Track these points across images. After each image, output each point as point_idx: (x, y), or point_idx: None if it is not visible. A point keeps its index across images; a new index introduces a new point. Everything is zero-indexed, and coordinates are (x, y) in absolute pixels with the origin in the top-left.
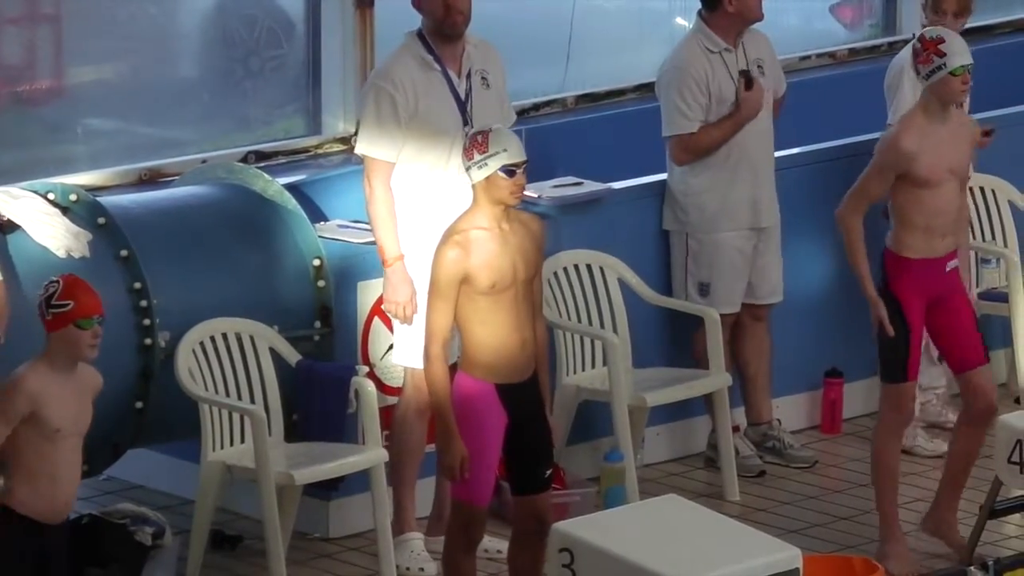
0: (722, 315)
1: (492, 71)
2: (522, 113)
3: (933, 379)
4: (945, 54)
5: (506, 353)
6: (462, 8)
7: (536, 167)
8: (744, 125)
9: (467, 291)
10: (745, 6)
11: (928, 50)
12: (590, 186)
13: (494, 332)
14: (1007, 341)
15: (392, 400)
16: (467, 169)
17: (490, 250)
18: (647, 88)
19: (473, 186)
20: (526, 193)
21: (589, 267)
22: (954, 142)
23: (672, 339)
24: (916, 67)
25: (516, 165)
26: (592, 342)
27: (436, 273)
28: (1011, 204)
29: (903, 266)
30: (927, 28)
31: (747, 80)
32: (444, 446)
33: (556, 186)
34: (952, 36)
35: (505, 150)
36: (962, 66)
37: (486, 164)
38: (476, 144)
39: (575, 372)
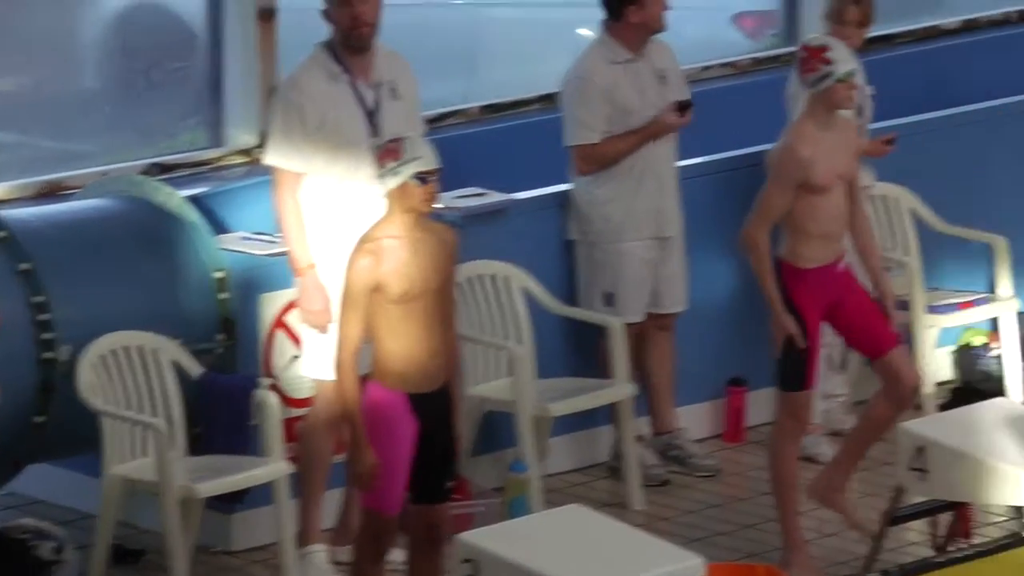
0: (627, 325)
1: (402, 82)
2: (426, 124)
3: (835, 387)
4: (831, 61)
5: (417, 362)
6: (369, 19)
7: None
8: (649, 141)
9: (378, 300)
10: (648, 16)
11: (814, 58)
12: (494, 196)
13: (406, 341)
14: (909, 349)
15: (296, 412)
16: (380, 177)
17: (402, 259)
18: (551, 99)
19: (386, 194)
20: None
21: (493, 277)
22: (842, 148)
23: (576, 349)
24: (801, 76)
25: (429, 173)
26: (496, 353)
27: (348, 282)
28: (912, 213)
29: (800, 277)
30: (810, 36)
31: (682, 107)
32: (354, 455)
33: (459, 197)
34: (836, 43)
35: (418, 158)
36: (848, 72)
37: (399, 172)
38: (389, 152)
39: (479, 383)
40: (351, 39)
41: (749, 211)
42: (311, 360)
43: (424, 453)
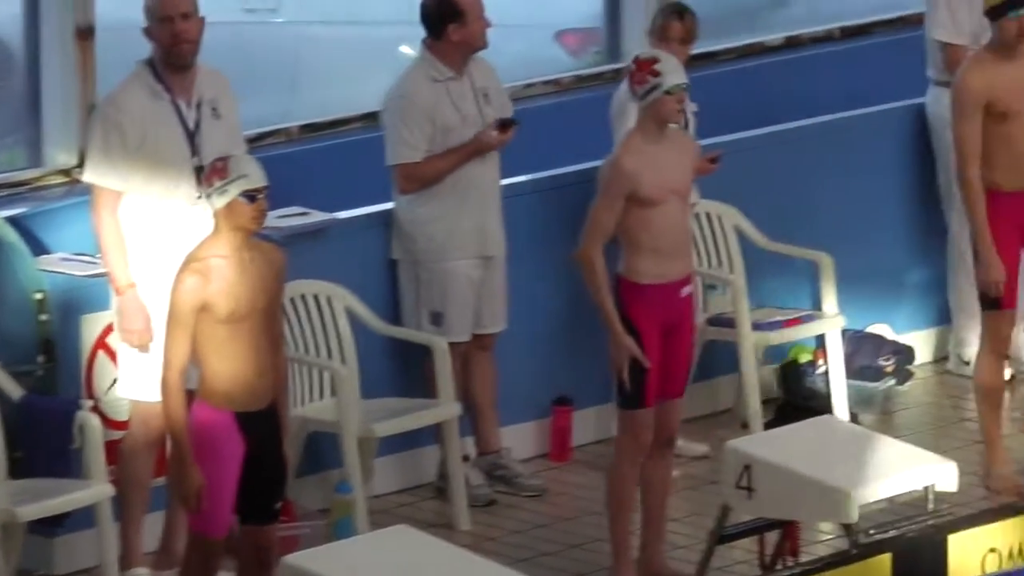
0: (453, 344)
1: (223, 101)
2: (247, 143)
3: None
4: (660, 73)
5: (244, 382)
6: (190, 37)
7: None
8: (471, 159)
9: (206, 319)
10: (470, 34)
11: (643, 70)
12: (316, 216)
13: (233, 361)
14: (733, 367)
15: (118, 434)
16: (207, 196)
17: (229, 278)
18: (373, 117)
19: (214, 213)
20: None
21: (316, 297)
22: (674, 162)
23: (402, 369)
24: (632, 88)
25: (257, 190)
26: (320, 373)
27: (174, 301)
28: (737, 230)
29: (637, 292)
30: (640, 51)
31: (504, 125)
32: (180, 476)
33: (281, 216)
34: (666, 56)
35: (245, 176)
36: (677, 85)
37: (226, 190)
38: (216, 171)
39: (303, 403)
40: (172, 57)
41: (572, 229)
42: (128, 381)
43: (251, 474)
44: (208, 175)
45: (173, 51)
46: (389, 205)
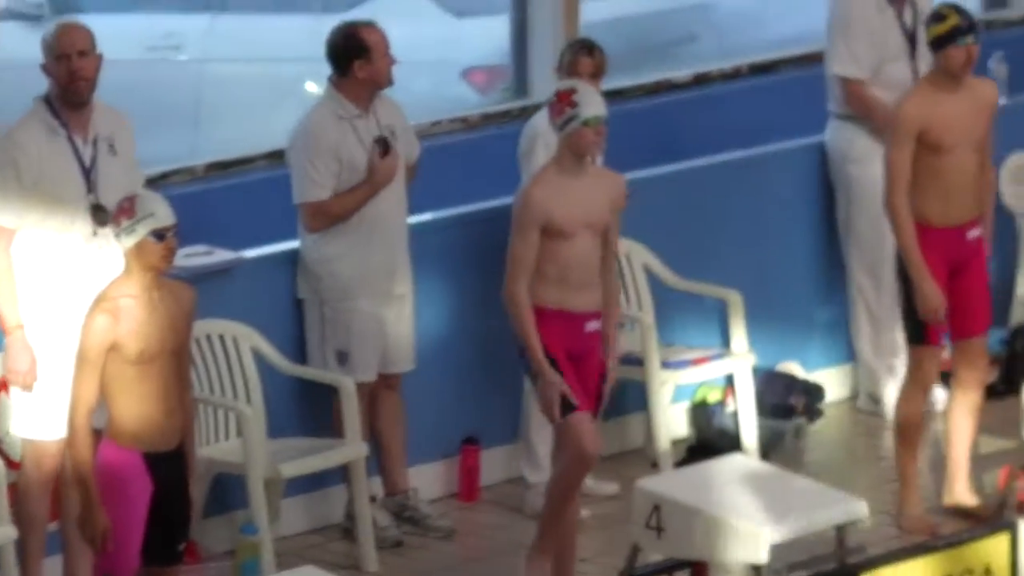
0: (360, 384)
1: (119, 138)
2: (151, 181)
3: None
4: (577, 104)
5: (154, 422)
6: (86, 75)
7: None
8: (377, 193)
9: (115, 359)
10: (375, 72)
11: (562, 101)
12: (221, 255)
13: (142, 401)
14: (643, 406)
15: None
16: (116, 236)
17: (139, 318)
18: (278, 155)
19: (124, 253)
20: None
21: (222, 337)
22: (590, 196)
23: (308, 409)
24: (551, 119)
25: (166, 229)
26: (226, 413)
27: (84, 341)
28: (645, 268)
29: (539, 314)
30: (561, 81)
31: (383, 148)
32: (87, 517)
33: (186, 255)
34: (585, 87)
35: (152, 214)
36: (595, 116)
37: (134, 230)
38: (123, 211)
39: (209, 444)
40: (68, 94)
41: (480, 267)
42: (20, 419)
43: (157, 514)
44: (116, 215)
45: (70, 88)
46: (295, 244)
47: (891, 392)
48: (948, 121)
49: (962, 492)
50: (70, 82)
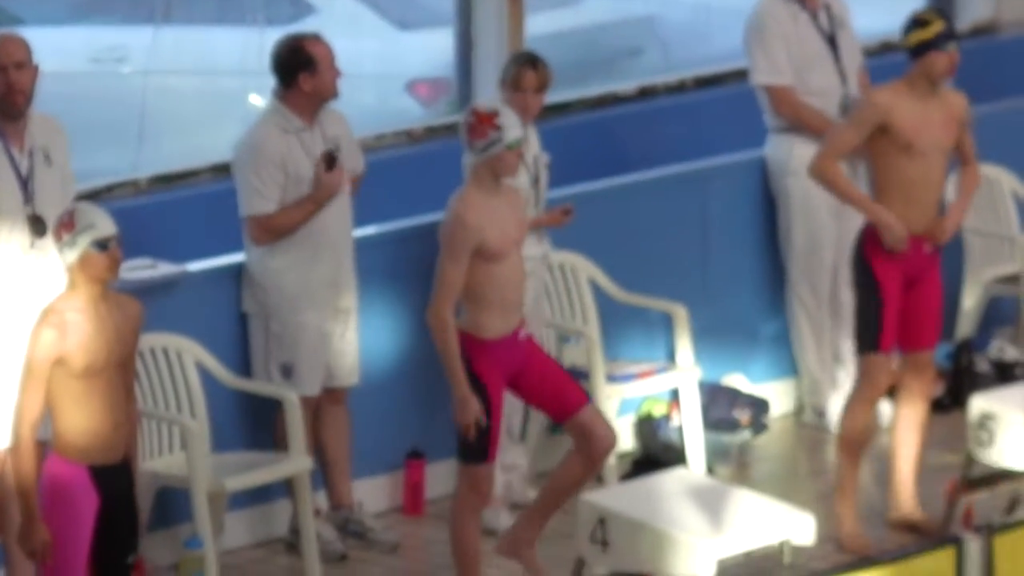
0: (304, 398)
1: (54, 147)
2: (95, 195)
3: (516, 458)
4: (501, 128)
5: (100, 435)
6: (23, 87)
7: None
8: (324, 205)
9: (61, 373)
10: (321, 84)
11: (484, 124)
12: (164, 268)
13: (88, 414)
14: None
15: None
16: (59, 251)
17: (86, 332)
18: (223, 168)
19: (67, 268)
20: None
21: (165, 351)
22: (511, 214)
23: (252, 422)
24: (469, 141)
25: (107, 239)
26: (170, 427)
27: (30, 354)
28: (591, 281)
29: (483, 349)
30: (480, 101)
31: (328, 160)
32: (27, 531)
33: (130, 268)
34: (506, 110)
35: (92, 225)
36: (517, 139)
37: (76, 242)
38: (64, 225)
39: (153, 457)
40: (5, 106)
41: (425, 281)
42: None
43: (105, 528)
44: (56, 230)
45: (7, 100)
46: (240, 257)
47: (835, 405)
48: (918, 124)
49: (908, 506)
50: (7, 94)
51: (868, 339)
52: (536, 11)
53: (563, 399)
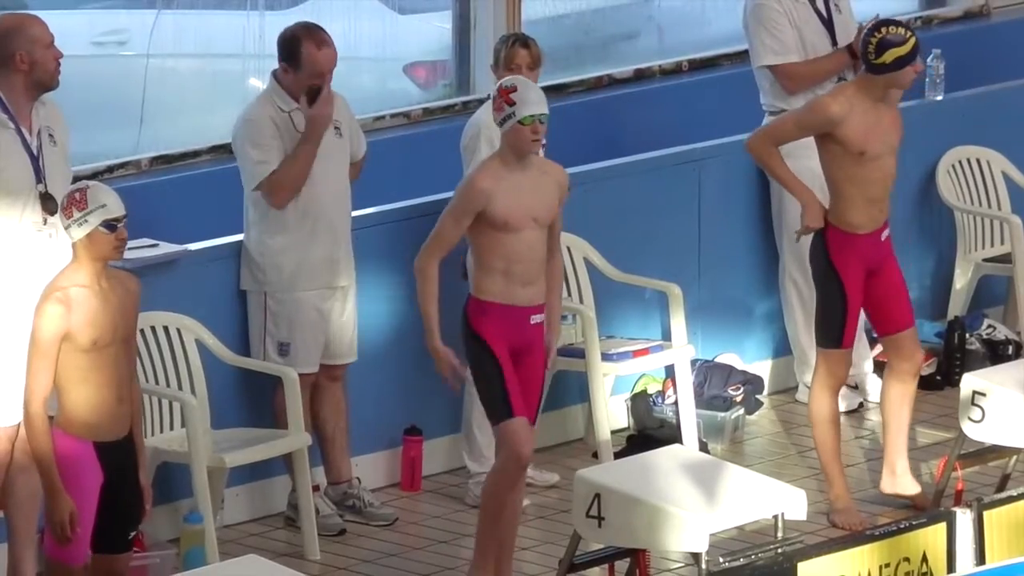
0: (302, 375)
1: (57, 128)
2: (96, 175)
3: None
4: (515, 103)
5: (105, 411)
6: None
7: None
8: (319, 140)
9: (67, 348)
10: (313, 63)
11: (501, 97)
12: (165, 248)
13: (94, 390)
14: (584, 397)
15: None
16: (67, 228)
17: (91, 307)
18: (223, 149)
19: (74, 244)
20: None
21: (166, 328)
22: (535, 190)
23: (251, 399)
24: (494, 115)
25: (116, 219)
26: (170, 404)
27: (37, 331)
28: (586, 261)
29: (483, 309)
30: (508, 77)
31: (310, 95)
32: (51, 503)
33: (132, 248)
34: (526, 85)
35: (104, 205)
36: (531, 115)
37: (86, 221)
38: (74, 202)
39: (154, 434)
40: (49, 83)
41: None
42: None
43: (108, 502)
44: (67, 206)
45: (55, 76)
46: (239, 236)
47: None
48: (869, 131)
49: (901, 480)
50: (56, 69)
51: (831, 335)
52: None
53: (529, 406)
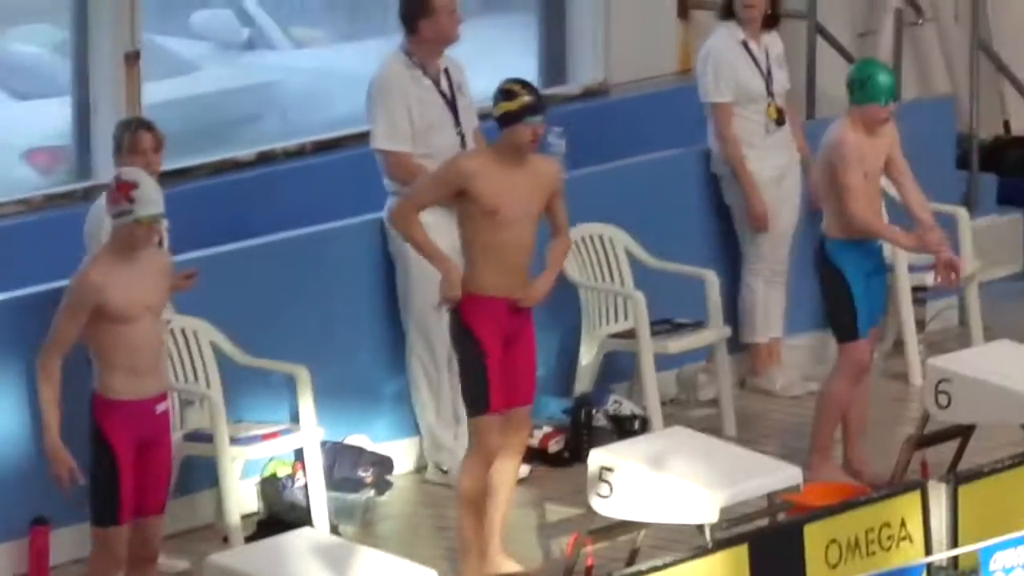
0: None
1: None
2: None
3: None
4: (135, 201)
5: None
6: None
7: None
8: None
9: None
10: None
11: (120, 192)
12: None
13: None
14: (213, 482)
15: None
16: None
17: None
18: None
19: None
20: None
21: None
22: (146, 279)
23: None
24: (107, 204)
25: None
26: None
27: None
28: (212, 344)
29: (110, 408)
30: (126, 169)
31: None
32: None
33: None
34: (149, 183)
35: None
36: (150, 215)
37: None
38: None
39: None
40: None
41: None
42: None
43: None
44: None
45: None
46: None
47: (456, 462)
48: (502, 192)
49: (493, 561)
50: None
51: (478, 402)
52: (153, 79)
53: (148, 498)
